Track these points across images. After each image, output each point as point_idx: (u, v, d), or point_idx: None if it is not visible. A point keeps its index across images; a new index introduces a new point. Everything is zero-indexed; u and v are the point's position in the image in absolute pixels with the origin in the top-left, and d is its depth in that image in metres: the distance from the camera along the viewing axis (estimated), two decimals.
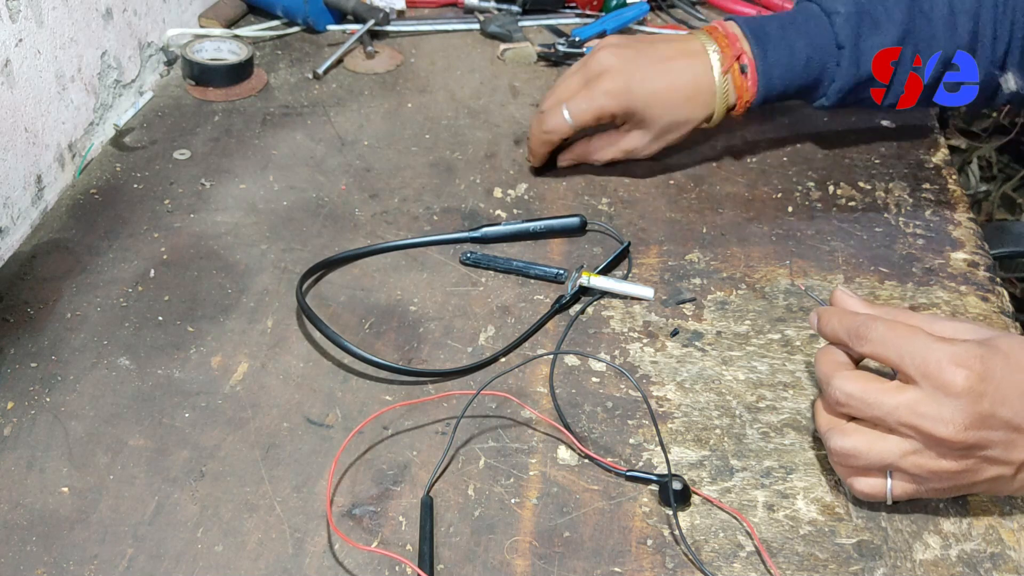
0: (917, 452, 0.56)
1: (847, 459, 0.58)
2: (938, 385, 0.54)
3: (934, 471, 0.56)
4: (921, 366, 0.55)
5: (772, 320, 0.76)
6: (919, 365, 0.55)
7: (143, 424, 0.66)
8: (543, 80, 1.09)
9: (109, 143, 0.96)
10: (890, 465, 0.57)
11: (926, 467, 0.56)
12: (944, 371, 0.54)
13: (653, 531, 0.60)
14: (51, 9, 0.86)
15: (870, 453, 0.57)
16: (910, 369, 0.55)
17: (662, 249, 0.83)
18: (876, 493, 0.59)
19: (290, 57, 1.12)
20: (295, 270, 0.80)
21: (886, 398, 0.56)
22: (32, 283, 0.78)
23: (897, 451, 0.56)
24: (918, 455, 0.56)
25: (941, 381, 0.54)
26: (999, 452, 0.55)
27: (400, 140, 0.98)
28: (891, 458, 0.56)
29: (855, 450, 0.57)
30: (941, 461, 0.55)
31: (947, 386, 0.54)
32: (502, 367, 0.72)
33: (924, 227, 0.86)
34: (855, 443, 0.57)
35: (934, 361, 0.54)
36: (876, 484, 0.58)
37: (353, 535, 0.59)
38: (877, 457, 0.57)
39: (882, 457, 0.57)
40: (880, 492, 0.58)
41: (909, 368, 0.55)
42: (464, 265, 0.82)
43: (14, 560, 0.57)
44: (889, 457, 0.56)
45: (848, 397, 0.57)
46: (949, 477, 0.56)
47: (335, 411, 0.68)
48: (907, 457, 0.56)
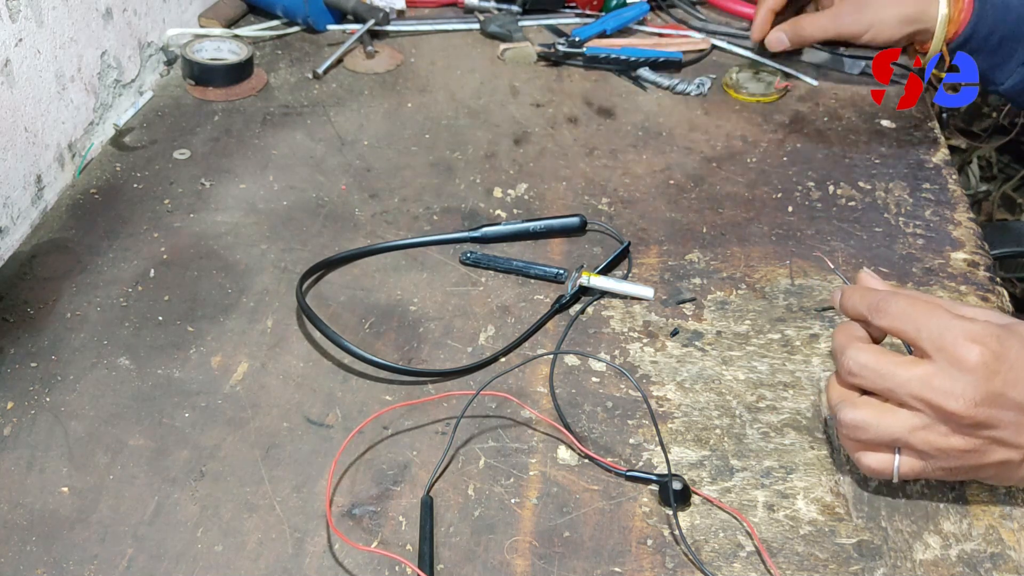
0: (926, 427, 0.56)
1: (855, 432, 0.58)
2: (952, 360, 0.54)
3: (942, 448, 0.56)
4: (937, 340, 0.55)
5: (772, 320, 0.76)
6: (935, 339, 0.55)
7: (143, 424, 0.66)
8: (543, 80, 1.09)
9: (109, 143, 0.96)
10: (898, 439, 0.57)
11: (934, 444, 0.56)
12: (959, 346, 0.54)
13: (653, 531, 0.60)
14: (51, 9, 0.86)
15: (879, 426, 0.57)
16: (926, 343, 0.55)
17: (662, 249, 0.83)
18: (883, 469, 0.58)
19: (290, 57, 1.12)
20: (295, 270, 0.80)
21: (899, 370, 0.56)
22: (32, 283, 0.78)
23: (906, 425, 0.56)
24: (927, 430, 0.56)
25: (955, 356, 0.54)
26: (1009, 434, 0.55)
27: (400, 140, 0.98)
28: (900, 432, 0.56)
29: (864, 422, 0.57)
30: (950, 438, 0.55)
31: (961, 361, 0.54)
32: (502, 367, 0.72)
33: (924, 227, 0.86)
34: (864, 415, 0.57)
35: (950, 336, 0.55)
36: (884, 460, 0.58)
37: (353, 535, 0.59)
38: (886, 430, 0.56)
39: (891, 430, 0.56)
40: (887, 468, 0.58)
41: (925, 342, 0.56)
42: (464, 265, 0.82)
43: (14, 560, 0.57)
44: (898, 431, 0.56)
45: (861, 367, 0.57)
46: (957, 456, 0.56)
47: (335, 411, 0.68)
48: (916, 432, 0.56)
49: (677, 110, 1.04)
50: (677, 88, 1.06)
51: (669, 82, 1.07)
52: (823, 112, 1.03)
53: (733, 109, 1.04)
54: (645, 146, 0.97)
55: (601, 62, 1.11)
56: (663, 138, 0.99)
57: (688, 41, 1.15)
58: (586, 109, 1.04)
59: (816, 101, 1.06)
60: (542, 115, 1.02)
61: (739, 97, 1.05)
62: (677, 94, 1.06)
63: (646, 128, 1.00)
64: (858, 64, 1.10)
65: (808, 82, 1.09)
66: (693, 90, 1.06)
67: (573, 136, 0.99)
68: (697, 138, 0.99)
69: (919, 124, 1.01)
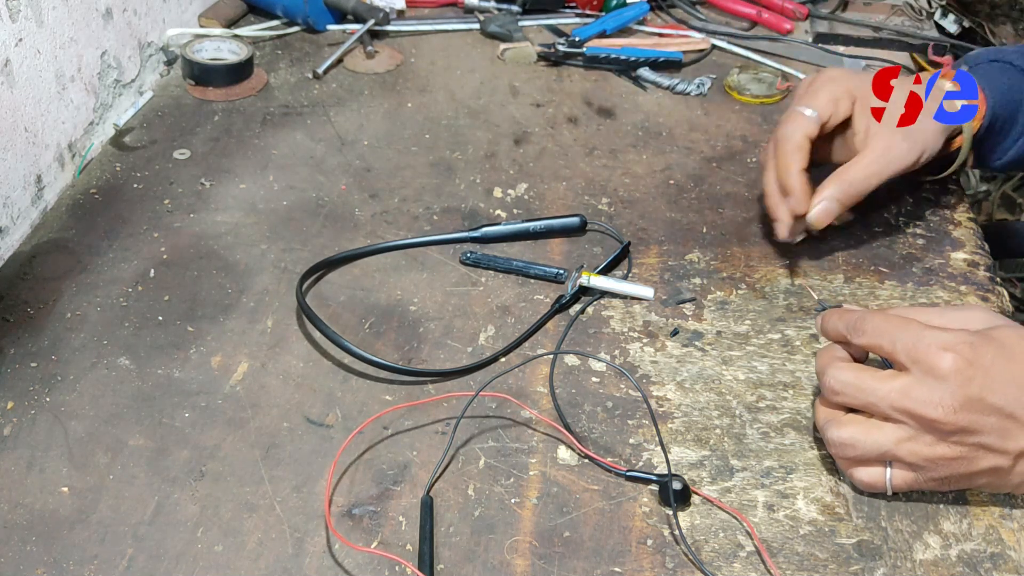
0: (912, 439, 0.57)
1: (844, 449, 0.59)
2: (927, 369, 0.56)
3: (930, 458, 0.57)
4: (911, 352, 0.57)
5: (772, 320, 0.76)
6: (910, 351, 0.57)
7: (143, 424, 0.66)
8: (543, 80, 1.09)
9: (109, 143, 0.96)
10: (886, 453, 0.58)
11: (921, 454, 0.57)
12: (932, 355, 0.56)
13: (653, 531, 0.60)
14: (51, 9, 0.86)
15: (866, 441, 0.58)
16: (901, 356, 0.57)
17: (662, 249, 0.83)
18: (876, 483, 0.60)
19: (290, 57, 1.12)
20: (295, 270, 0.80)
21: (879, 384, 0.58)
22: (32, 283, 0.78)
23: (892, 438, 0.57)
24: (913, 441, 0.57)
25: (929, 364, 0.56)
26: (993, 440, 0.56)
27: (400, 140, 0.98)
28: (887, 445, 0.58)
29: (851, 439, 0.59)
30: (936, 447, 0.56)
31: (935, 369, 0.55)
32: (502, 367, 0.72)
33: (924, 227, 0.86)
34: (851, 433, 0.59)
35: (923, 346, 0.56)
36: (876, 473, 0.59)
37: (353, 535, 0.59)
38: (873, 445, 0.58)
39: (878, 444, 0.58)
40: (880, 481, 0.59)
41: (900, 355, 0.57)
42: (464, 265, 0.82)
43: (14, 560, 0.57)
44: (885, 444, 0.58)
45: (843, 385, 0.59)
46: (946, 464, 0.57)
47: (335, 411, 0.68)
48: (902, 444, 0.57)
49: (677, 110, 1.04)
50: (677, 88, 1.06)
51: (669, 82, 1.07)
52: None
53: (733, 109, 1.04)
54: (645, 146, 0.97)
55: (601, 62, 1.11)
56: (663, 138, 0.99)
57: (688, 41, 1.15)
58: (586, 109, 1.04)
59: None
60: (542, 115, 1.02)
61: (741, 99, 1.05)
62: (677, 94, 1.06)
63: (646, 128, 1.00)
64: (858, 64, 1.10)
65: None
66: (693, 90, 1.06)
67: (573, 136, 0.99)
68: (697, 138, 0.99)
69: None
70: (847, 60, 1.10)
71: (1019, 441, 0.56)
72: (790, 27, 1.18)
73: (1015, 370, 0.56)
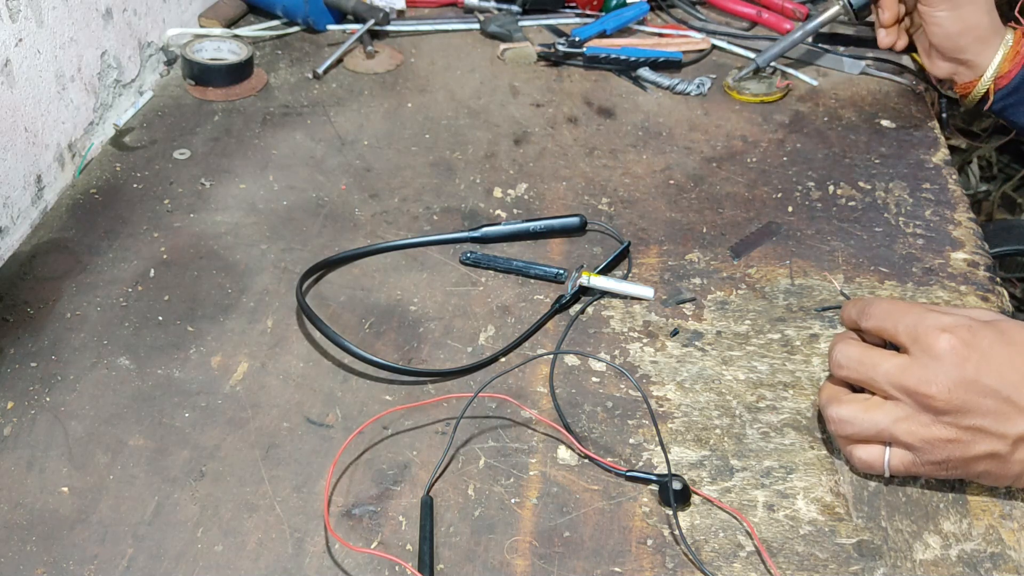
0: (909, 418, 0.58)
1: (842, 426, 0.61)
2: (925, 348, 0.58)
3: (926, 439, 0.58)
4: (912, 333, 0.59)
5: (772, 320, 0.76)
6: (911, 332, 0.59)
7: (143, 424, 0.66)
8: (543, 80, 1.09)
9: (109, 143, 0.96)
10: (883, 431, 0.59)
11: (918, 434, 0.58)
12: (930, 336, 0.58)
13: (653, 531, 0.60)
14: (51, 9, 0.86)
15: (864, 419, 0.60)
16: (903, 337, 0.59)
17: (662, 249, 0.83)
18: (874, 462, 0.61)
19: (290, 57, 1.12)
20: (295, 270, 0.80)
21: (880, 360, 0.60)
22: (32, 283, 0.78)
23: (890, 416, 0.59)
24: (910, 421, 0.58)
25: (927, 344, 0.58)
26: (990, 423, 0.57)
27: (400, 140, 0.98)
28: (884, 423, 0.59)
29: (850, 415, 0.60)
30: (932, 427, 0.58)
31: (932, 348, 0.57)
32: (502, 367, 0.72)
33: (924, 227, 0.86)
34: (850, 410, 0.61)
35: (923, 328, 0.59)
36: (874, 452, 0.61)
37: (353, 535, 0.59)
38: (871, 423, 0.59)
39: (875, 423, 0.59)
40: (878, 461, 0.61)
41: (902, 336, 0.60)
42: (464, 265, 0.82)
43: (14, 560, 0.57)
44: (882, 423, 0.59)
45: (848, 359, 0.62)
46: (942, 446, 0.58)
47: (335, 411, 0.68)
48: (899, 423, 0.58)
49: (677, 110, 1.04)
50: (677, 88, 1.06)
51: (669, 82, 1.07)
52: (823, 112, 1.03)
53: (733, 109, 1.04)
54: (645, 146, 0.97)
55: (601, 62, 1.11)
56: (663, 138, 0.99)
57: (688, 41, 1.15)
58: (586, 109, 1.04)
59: (816, 101, 1.06)
60: (542, 115, 1.02)
61: (741, 98, 1.05)
62: (677, 94, 1.06)
63: (646, 128, 1.00)
64: (858, 64, 1.10)
65: (808, 82, 1.09)
66: (693, 90, 1.06)
67: (573, 136, 0.99)
68: (697, 138, 0.99)
69: (919, 124, 1.01)
70: (847, 60, 1.10)
71: (1017, 426, 0.56)
72: (790, 27, 1.18)
73: (1014, 355, 0.57)
